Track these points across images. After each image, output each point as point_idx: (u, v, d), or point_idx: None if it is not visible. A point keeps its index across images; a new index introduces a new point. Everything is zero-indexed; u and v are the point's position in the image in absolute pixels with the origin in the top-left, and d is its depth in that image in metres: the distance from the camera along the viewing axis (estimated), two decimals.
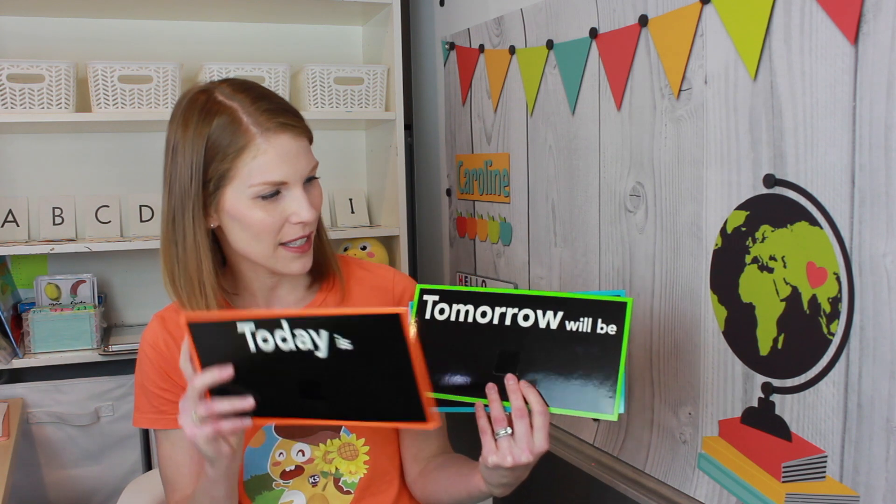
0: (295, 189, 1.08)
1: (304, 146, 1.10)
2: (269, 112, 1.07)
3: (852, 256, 1.02)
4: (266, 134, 1.06)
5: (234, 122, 1.06)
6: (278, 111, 1.08)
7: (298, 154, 1.08)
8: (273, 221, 1.08)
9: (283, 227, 1.09)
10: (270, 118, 1.06)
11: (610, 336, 1.03)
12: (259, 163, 1.05)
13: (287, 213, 1.08)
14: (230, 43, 2.27)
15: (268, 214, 1.07)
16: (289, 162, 1.07)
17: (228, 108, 1.07)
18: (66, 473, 1.98)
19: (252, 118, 1.06)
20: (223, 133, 1.06)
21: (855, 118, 1.00)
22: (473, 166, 1.97)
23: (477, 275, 1.98)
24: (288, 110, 1.10)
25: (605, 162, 1.48)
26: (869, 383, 1.02)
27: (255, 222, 1.07)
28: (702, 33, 1.22)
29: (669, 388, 1.36)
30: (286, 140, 1.07)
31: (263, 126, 1.06)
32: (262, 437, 1.20)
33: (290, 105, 1.13)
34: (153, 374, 1.19)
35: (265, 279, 1.18)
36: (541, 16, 1.63)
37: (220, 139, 1.06)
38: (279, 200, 1.08)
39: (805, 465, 1.11)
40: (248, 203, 1.07)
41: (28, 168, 2.13)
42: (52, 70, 1.89)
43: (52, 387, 1.96)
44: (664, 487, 1.37)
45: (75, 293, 2.11)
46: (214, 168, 1.07)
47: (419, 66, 2.29)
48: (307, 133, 1.12)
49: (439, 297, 1.10)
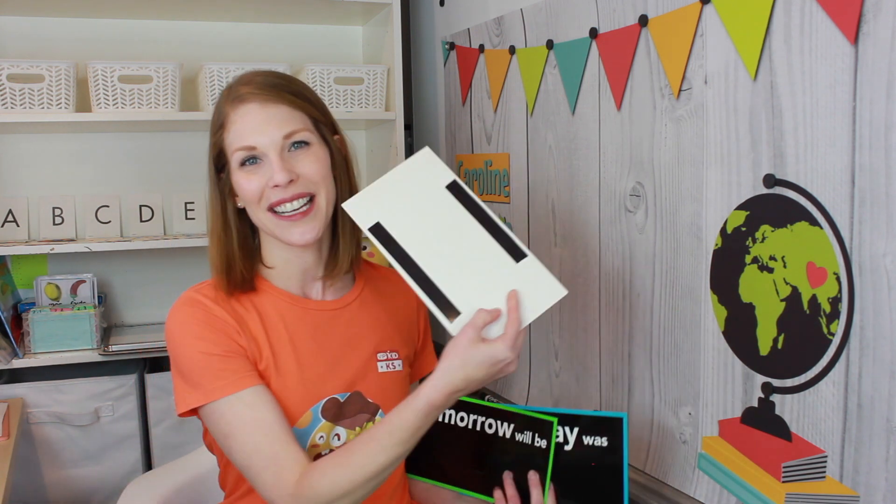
0: (271, 153, 1.14)
1: (275, 113, 1.15)
2: (238, 86, 1.17)
3: (852, 256, 1.02)
4: (234, 105, 1.16)
5: (219, 103, 1.20)
6: (247, 83, 1.17)
7: (268, 121, 1.14)
8: (256, 187, 1.15)
9: (264, 192, 1.15)
10: (237, 91, 1.17)
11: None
12: (232, 133, 1.16)
13: (266, 179, 1.15)
14: (230, 43, 2.27)
15: (250, 181, 1.15)
16: (256, 129, 1.14)
17: (222, 94, 1.20)
18: (66, 473, 1.98)
19: (228, 95, 1.18)
20: (214, 115, 1.20)
21: (855, 118, 1.00)
22: (473, 166, 1.97)
23: None
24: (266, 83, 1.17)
25: (605, 162, 1.48)
26: (869, 383, 1.02)
27: (243, 190, 1.16)
28: (702, 33, 1.22)
29: (669, 388, 1.36)
30: (252, 108, 1.15)
31: (232, 99, 1.17)
32: (309, 417, 1.20)
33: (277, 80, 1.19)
34: (213, 336, 1.15)
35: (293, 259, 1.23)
36: (541, 16, 1.63)
37: (212, 121, 1.20)
38: (261, 167, 1.15)
39: (805, 465, 1.11)
40: (238, 174, 1.17)
41: (28, 168, 2.13)
42: (52, 70, 1.89)
43: (52, 387, 1.96)
44: (664, 487, 1.37)
45: (75, 293, 2.11)
46: (214, 144, 1.19)
47: (419, 66, 2.29)
48: (284, 100, 1.16)
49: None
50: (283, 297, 1.23)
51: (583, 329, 1.58)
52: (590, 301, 1.55)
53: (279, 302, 1.22)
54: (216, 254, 1.20)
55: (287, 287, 1.24)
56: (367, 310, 1.29)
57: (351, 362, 1.23)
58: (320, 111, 1.21)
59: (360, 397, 1.22)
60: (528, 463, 1.23)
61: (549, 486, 1.21)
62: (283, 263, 1.23)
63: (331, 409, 1.20)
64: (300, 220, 1.16)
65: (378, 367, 1.26)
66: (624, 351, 1.46)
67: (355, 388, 1.22)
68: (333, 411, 1.20)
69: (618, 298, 1.47)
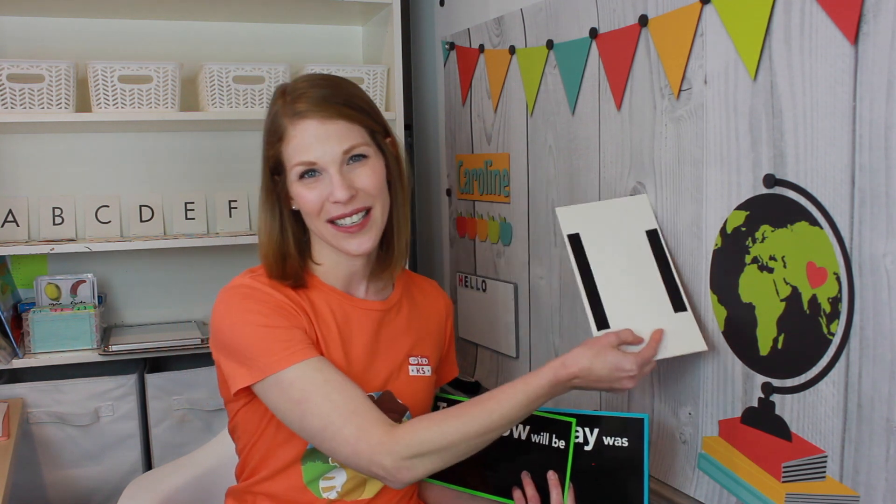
0: (330, 168, 1.18)
1: (334, 129, 1.18)
2: (295, 101, 1.20)
3: (852, 256, 1.02)
4: (293, 120, 1.19)
5: (277, 114, 1.21)
6: (303, 96, 1.19)
7: (327, 137, 1.18)
8: (316, 200, 1.19)
9: (324, 205, 1.20)
10: (295, 107, 1.19)
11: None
12: (292, 147, 1.19)
13: (326, 193, 1.19)
14: (230, 43, 2.27)
15: (311, 193, 1.20)
16: (314, 145, 1.18)
17: (277, 102, 1.22)
18: (66, 473, 1.98)
19: (285, 108, 1.20)
20: (271, 125, 1.23)
21: (855, 118, 1.00)
22: (473, 166, 1.97)
23: (477, 275, 1.98)
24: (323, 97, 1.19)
25: (605, 162, 1.48)
26: (869, 383, 1.02)
27: (303, 202, 1.21)
28: (702, 33, 1.22)
29: (669, 388, 1.36)
30: (310, 125, 1.18)
31: (290, 115, 1.19)
32: None
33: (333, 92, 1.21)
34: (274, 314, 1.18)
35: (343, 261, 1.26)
36: (541, 16, 1.63)
37: (268, 130, 1.23)
38: (320, 181, 1.19)
39: (805, 465, 1.11)
40: (297, 185, 1.21)
41: (28, 168, 2.13)
42: (52, 70, 1.89)
43: (52, 387, 1.96)
44: (664, 487, 1.37)
45: (75, 293, 2.11)
46: (272, 155, 1.22)
47: (419, 66, 2.29)
48: (343, 116, 1.19)
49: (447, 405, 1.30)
50: (333, 292, 1.28)
51: (583, 329, 1.58)
52: None
53: (329, 297, 1.27)
54: (271, 253, 1.24)
55: (334, 283, 1.29)
56: (404, 315, 1.34)
57: (386, 362, 1.28)
58: (374, 119, 1.25)
59: (391, 397, 1.27)
60: (546, 464, 1.23)
61: (568, 487, 1.20)
62: (332, 263, 1.28)
63: None
64: (357, 231, 1.21)
65: (409, 371, 1.30)
66: None
67: (387, 387, 1.27)
68: None
69: None
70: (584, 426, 1.22)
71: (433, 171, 2.22)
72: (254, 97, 2.05)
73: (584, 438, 1.21)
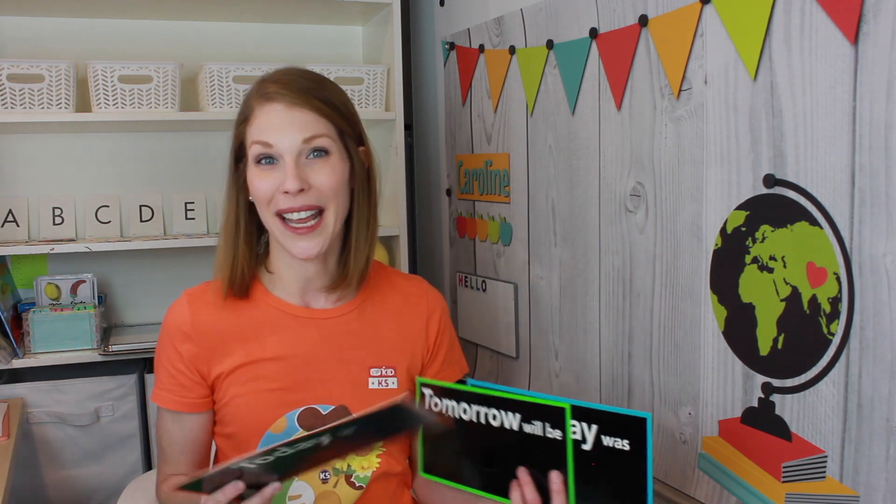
0: (286, 157, 1.13)
1: (299, 116, 1.14)
2: (269, 83, 1.17)
3: (852, 256, 1.02)
4: (261, 101, 1.16)
5: (249, 95, 1.19)
6: (277, 81, 1.16)
7: (290, 122, 1.14)
8: (268, 188, 1.14)
9: (274, 195, 1.14)
10: (266, 88, 1.16)
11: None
12: (254, 127, 1.16)
13: (279, 183, 1.14)
14: (230, 43, 2.27)
15: (263, 180, 1.15)
16: (276, 127, 1.13)
17: (254, 86, 1.19)
18: (66, 473, 1.98)
19: (258, 90, 1.17)
20: (241, 106, 1.20)
21: (855, 118, 1.00)
22: (473, 166, 1.97)
23: (477, 275, 1.98)
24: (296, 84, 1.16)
25: (605, 162, 1.48)
26: (869, 383, 1.02)
27: (255, 188, 1.16)
28: (702, 33, 1.22)
29: (669, 388, 1.36)
30: (277, 108, 1.14)
31: (260, 95, 1.16)
32: (284, 423, 1.20)
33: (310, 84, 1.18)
34: (172, 355, 1.22)
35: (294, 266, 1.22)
36: (541, 16, 1.63)
37: (239, 112, 1.20)
38: (276, 169, 1.14)
39: (805, 465, 1.11)
40: (252, 170, 1.16)
41: (28, 168, 2.13)
42: (52, 70, 1.89)
43: (52, 387, 1.96)
44: (664, 487, 1.37)
45: (75, 293, 2.11)
46: (236, 135, 1.19)
47: (419, 66, 2.28)
48: (311, 106, 1.15)
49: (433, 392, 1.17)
50: (278, 305, 1.23)
51: (583, 329, 1.58)
52: (590, 301, 1.55)
53: (272, 310, 1.23)
54: (222, 246, 1.22)
55: (286, 294, 1.24)
56: (365, 322, 1.26)
57: (339, 375, 1.21)
58: (347, 121, 1.19)
59: (345, 411, 1.20)
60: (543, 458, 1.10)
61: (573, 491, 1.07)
62: (284, 269, 1.23)
63: (308, 418, 1.20)
64: (306, 234, 1.15)
65: (369, 383, 1.23)
66: (624, 351, 1.46)
67: (342, 401, 1.20)
68: (311, 420, 1.19)
69: (618, 298, 1.47)
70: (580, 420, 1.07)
71: (433, 171, 2.22)
72: None
73: (581, 435, 1.07)
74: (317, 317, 1.24)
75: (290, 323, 1.22)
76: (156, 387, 1.24)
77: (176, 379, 1.21)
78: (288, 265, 1.22)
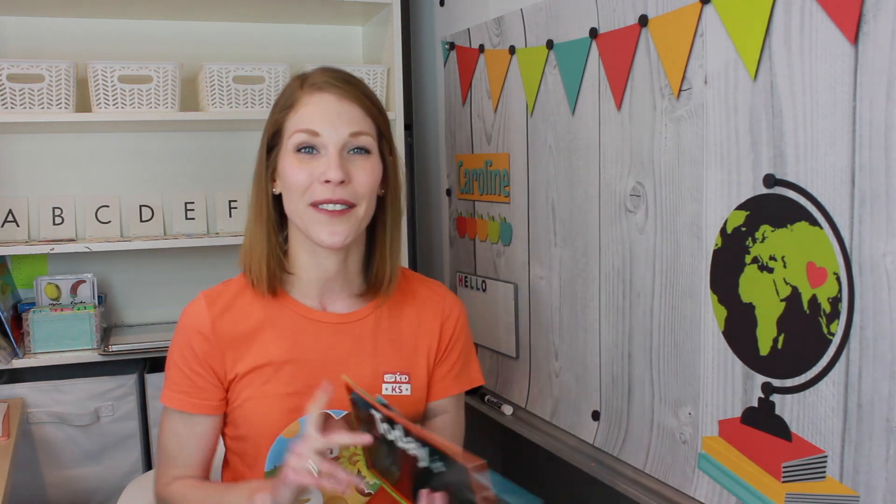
0: (331, 148, 1.12)
1: (349, 110, 1.14)
2: (321, 74, 1.17)
3: (852, 256, 1.02)
4: (309, 91, 1.15)
5: (292, 88, 1.18)
6: (326, 73, 1.17)
7: (339, 114, 1.13)
8: (304, 178, 1.13)
9: (311, 185, 1.13)
10: (315, 79, 1.16)
11: None
12: (299, 115, 1.14)
13: (318, 173, 1.12)
14: (230, 43, 2.27)
15: (301, 170, 1.13)
16: (325, 116, 1.13)
17: (295, 82, 1.19)
18: (66, 473, 1.98)
19: (303, 82, 1.17)
20: (282, 96, 1.19)
21: (855, 118, 1.00)
22: (473, 166, 1.97)
23: (477, 275, 1.98)
24: (345, 79, 1.17)
25: (605, 162, 1.48)
26: (869, 383, 1.02)
27: (289, 177, 1.14)
28: (702, 33, 1.22)
29: (669, 388, 1.36)
30: (328, 97, 1.14)
31: (308, 85, 1.16)
32: (296, 427, 1.19)
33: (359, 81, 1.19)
34: (189, 357, 1.20)
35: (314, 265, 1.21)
36: (541, 16, 1.63)
37: (278, 101, 1.19)
38: (316, 159, 1.13)
39: (805, 465, 1.11)
40: (290, 157, 1.14)
41: (28, 168, 2.13)
42: (52, 70, 1.89)
43: (52, 387, 1.96)
44: (664, 487, 1.37)
45: (75, 293, 2.11)
46: (275, 121, 1.17)
47: (419, 66, 2.28)
48: (360, 102, 1.16)
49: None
50: (295, 307, 1.22)
51: (583, 329, 1.58)
52: (590, 301, 1.55)
53: (289, 312, 1.22)
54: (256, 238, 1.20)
55: (303, 297, 1.23)
56: (381, 327, 1.25)
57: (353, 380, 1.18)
58: (386, 126, 1.21)
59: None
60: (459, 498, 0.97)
61: None
62: (303, 269, 1.21)
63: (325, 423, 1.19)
64: (336, 217, 1.13)
65: (382, 389, 1.23)
66: (624, 351, 1.46)
67: None
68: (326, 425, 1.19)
69: (618, 298, 1.47)
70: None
71: (433, 171, 2.22)
72: (254, 97, 2.05)
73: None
74: (333, 321, 1.23)
75: (306, 326, 1.22)
76: (166, 388, 1.22)
77: (192, 381, 1.20)
78: (308, 263, 1.21)
